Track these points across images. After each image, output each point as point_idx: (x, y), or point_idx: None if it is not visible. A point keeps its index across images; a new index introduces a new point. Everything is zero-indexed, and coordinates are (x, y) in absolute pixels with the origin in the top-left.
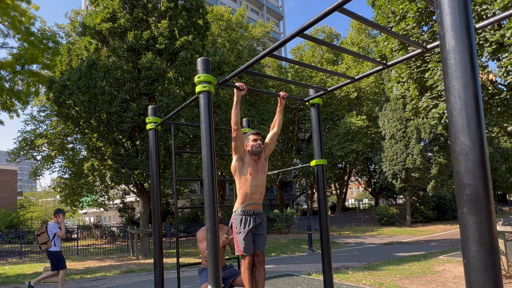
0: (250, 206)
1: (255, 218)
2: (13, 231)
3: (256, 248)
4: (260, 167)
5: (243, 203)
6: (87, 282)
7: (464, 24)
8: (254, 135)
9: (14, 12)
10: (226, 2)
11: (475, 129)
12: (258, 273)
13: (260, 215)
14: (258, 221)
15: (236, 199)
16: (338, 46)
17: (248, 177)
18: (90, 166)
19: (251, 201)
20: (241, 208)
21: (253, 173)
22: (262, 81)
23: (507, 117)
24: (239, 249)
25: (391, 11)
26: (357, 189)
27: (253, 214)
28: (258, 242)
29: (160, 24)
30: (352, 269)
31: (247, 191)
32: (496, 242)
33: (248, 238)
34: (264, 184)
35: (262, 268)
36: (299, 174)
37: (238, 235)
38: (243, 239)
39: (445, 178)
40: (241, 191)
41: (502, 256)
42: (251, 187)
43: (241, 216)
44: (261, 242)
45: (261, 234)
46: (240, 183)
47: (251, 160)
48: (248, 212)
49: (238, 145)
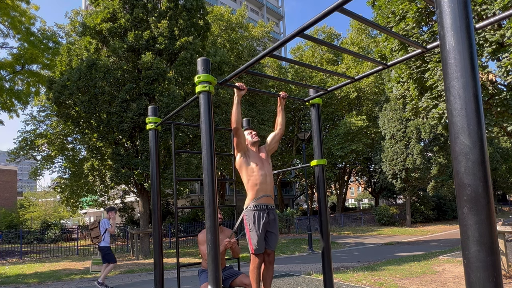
0: (262, 199)
1: (269, 213)
2: (13, 231)
3: (268, 246)
4: (264, 159)
5: (255, 197)
6: (87, 282)
7: (464, 24)
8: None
9: (14, 12)
10: (226, 2)
11: (475, 129)
12: (267, 272)
13: (272, 211)
14: (271, 217)
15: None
16: (338, 46)
17: (255, 168)
18: (90, 166)
19: (263, 193)
20: (253, 203)
21: (259, 163)
22: (262, 81)
23: (507, 117)
24: (251, 247)
25: (391, 11)
26: (357, 189)
27: (266, 209)
28: (270, 241)
29: (160, 24)
30: (352, 269)
31: (257, 181)
32: (496, 242)
33: (261, 236)
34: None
35: (272, 268)
36: (299, 174)
37: (251, 232)
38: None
39: (445, 178)
40: (250, 183)
41: (502, 256)
42: (260, 176)
43: (253, 211)
44: (273, 240)
45: (273, 232)
46: (247, 175)
47: (254, 152)
48: (261, 207)
49: (241, 141)
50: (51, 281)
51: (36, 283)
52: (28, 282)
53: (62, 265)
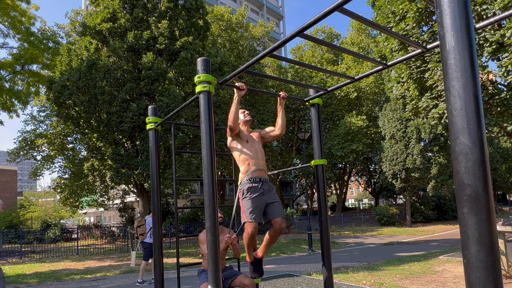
0: (256, 173)
1: (263, 184)
2: (13, 231)
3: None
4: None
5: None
6: (87, 282)
7: (464, 24)
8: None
9: (14, 12)
10: (226, 2)
11: (475, 129)
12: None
13: (267, 183)
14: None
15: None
16: (338, 46)
17: (245, 144)
18: (90, 166)
19: (256, 167)
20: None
21: (250, 140)
22: (262, 81)
23: (507, 117)
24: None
25: (391, 11)
26: (357, 189)
27: (260, 181)
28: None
29: (160, 24)
30: (352, 269)
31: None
32: (496, 242)
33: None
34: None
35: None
36: (299, 174)
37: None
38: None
39: (445, 178)
40: (242, 158)
41: (502, 256)
42: (251, 151)
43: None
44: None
45: (275, 201)
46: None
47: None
48: (255, 179)
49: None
50: (51, 281)
51: (36, 283)
52: (28, 282)
53: (62, 265)
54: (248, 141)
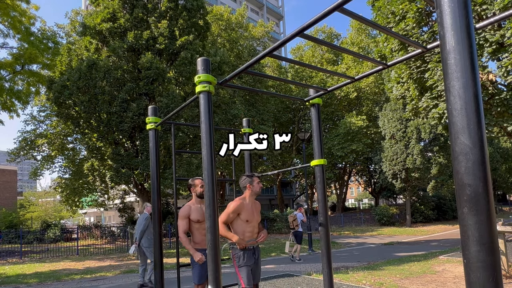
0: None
1: (254, 252)
2: (13, 231)
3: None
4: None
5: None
6: (87, 282)
7: (464, 24)
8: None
9: (14, 12)
10: (226, 2)
11: (475, 129)
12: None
13: (257, 249)
14: (256, 256)
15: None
16: (338, 46)
17: (244, 224)
18: (90, 166)
19: (250, 238)
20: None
21: (250, 218)
22: (262, 81)
23: (507, 117)
24: (241, 282)
25: (391, 11)
26: (357, 189)
27: (252, 249)
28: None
29: (160, 24)
30: (352, 269)
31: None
32: (496, 242)
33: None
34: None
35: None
36: (299, 174)
37: (240, 268)
38: (246, 274)
39: (445, 178)
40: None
41: (502, 256)
42: (247, 232)
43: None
44: (258, 275)
45: (257, 270)
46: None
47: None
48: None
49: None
50: (51, 281)
51: (36, 283)
52: (28, 282)
53: (62, 265)
54: (248, 221)
